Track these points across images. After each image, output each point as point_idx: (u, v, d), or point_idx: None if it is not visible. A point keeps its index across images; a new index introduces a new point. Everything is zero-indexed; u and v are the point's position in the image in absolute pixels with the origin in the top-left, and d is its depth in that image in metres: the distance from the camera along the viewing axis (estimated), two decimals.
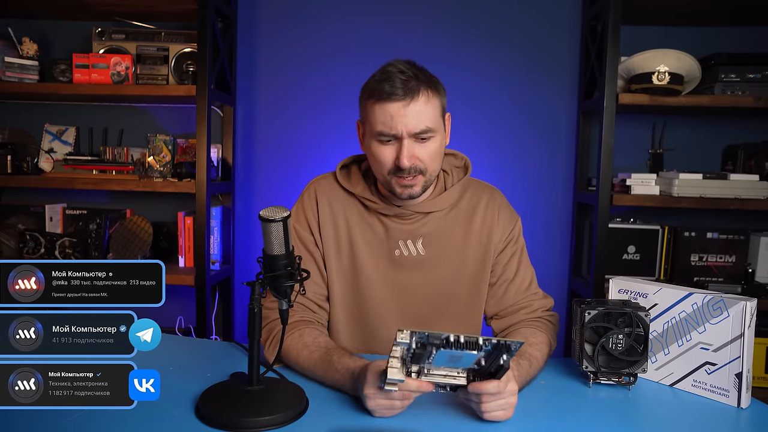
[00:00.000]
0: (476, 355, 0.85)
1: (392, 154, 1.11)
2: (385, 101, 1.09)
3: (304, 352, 1.09)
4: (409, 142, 1.10)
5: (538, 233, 2.41)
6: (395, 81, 1.08)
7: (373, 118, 1.12)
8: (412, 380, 0.89)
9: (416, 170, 1.12)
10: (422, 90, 1.09)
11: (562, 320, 2.42)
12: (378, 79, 1.10)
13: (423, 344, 0.84)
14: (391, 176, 1.14)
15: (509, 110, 2.38)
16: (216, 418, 0.89)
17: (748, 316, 1.00)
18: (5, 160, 2.25)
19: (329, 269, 1.24)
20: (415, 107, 1.08)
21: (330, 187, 1.27)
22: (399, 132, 1.09)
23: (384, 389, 0.89)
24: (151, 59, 2.24)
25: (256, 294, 0.95)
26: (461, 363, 0.88)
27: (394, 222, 1.22)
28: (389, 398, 0.91)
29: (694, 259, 2.20)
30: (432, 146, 1.12)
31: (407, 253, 1.22)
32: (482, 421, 0.93)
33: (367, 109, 1.13)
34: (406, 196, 1.15)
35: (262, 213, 0.94)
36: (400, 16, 2.37)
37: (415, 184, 1.14)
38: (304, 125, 2.42)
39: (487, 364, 0.88)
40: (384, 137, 1.11)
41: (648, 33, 2.27)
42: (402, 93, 1.07)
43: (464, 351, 0.84)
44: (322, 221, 1.24)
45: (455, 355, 0.85)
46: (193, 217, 2.21)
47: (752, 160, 2.21)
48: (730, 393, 1.02)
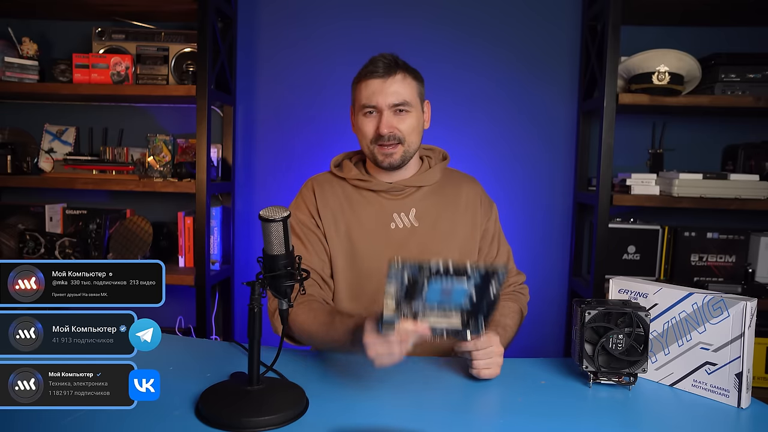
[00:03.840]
0: (466, 289, 0.91)
1: (374, 124, 1.29)
2: (368, 79, 1.28)
3: (311, 316, 1.19)
4: (388, 113, 1.27)
5: (538, 233, 2.41)
6: (378, 63, 1.28)
7: (358, 94, 1.31)
8: (408, 322, 0.94)
9: (395, 138, 1.28)
10: (399, 70, 1.29)
11: (562, 320, 2.43)
12: (364, 66, 1.31)
13: (415, 279, 0.88)
14: (373, 146, 1.30)
15: (509, 110, 2.38)
16: (216, 418, 0.89)
17: (748, 316, 1.00)
18: (5, 160, 2.25)
19: (332, 248, 1.33)
20: (393, 83, 1.27)
21: (325, 179, 1.40)
22: (379, 103, 1.27)
23: (382, 332, 0.92)
24: (151, 59, 2.24)
25: (256, 294, 0.95)
26: (453, 298, 0.93)
27: (387, 197, 1.35)
28: (387, 343, 0.94)
29: (694, 259, 2.20)
30: (409, 120, 1.29)
31: (402, 226, 1.34)
32: (483, 421, 0.93)
33: (355, 89, 1.33)
34: (387, 164, 1.30)
35: (262, 213, 0.94)
36: (400, 16, 2.37)
37: (395, 152, 1.29)
38: (304, 125, 2.42)
39: (478, 299, 0.93)
40: (367, 109, 1.29)
41: (648, 33, 2.27)
42: (382, 71, 1.27)
43: (454, 282, 0.89)
44: (321, 207, 1.35)
45: (446, 289, 0.90)
46: (193, 217, 2.21)
47: (752, 160, 2.20)
48: (730, 393, 1.02)
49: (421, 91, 1.34)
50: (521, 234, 2.38)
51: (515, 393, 1.07)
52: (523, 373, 1.17)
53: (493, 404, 1.02)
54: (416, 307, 0.94)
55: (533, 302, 1.50)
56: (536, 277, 2.31)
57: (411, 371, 1.14)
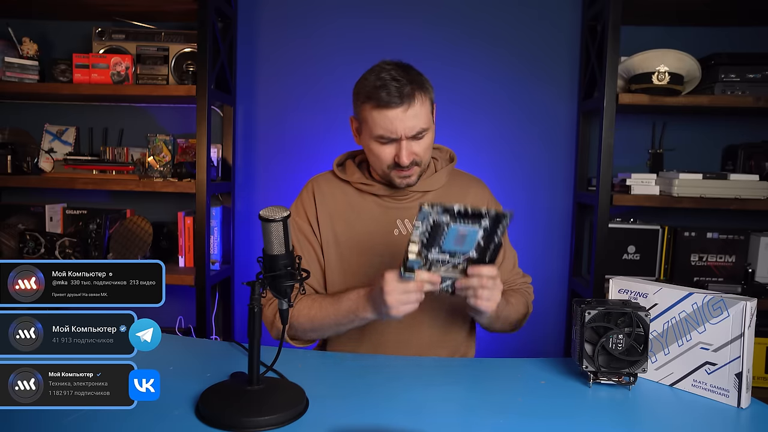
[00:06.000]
0: (477, 234, 1.02)
1: (392, 152, 1.22)
2: (383, 108, 1.18)
3: (315, 304, 1.21)
4: (408, 142, 1.21)
5: (538, 233, 2.41)
6: (391, 89, 1.17)
7: (372, 122, 1.21)
8: (423, 272, 1.05)
9: (414, 164, 1.24)
10: (416, 95, 1.19)
11: (562, 320, 2.43)
12: (374, 86, 1.18)
13: (438, 222, 0.99)
14: (390, 170, 1.25)
15: (509, 110, 2.38)
16: (216, 418, 0.89)
17: (748, 316, 1.00)
18: (5, 160, 2.25)
19: (328, 256, 1.31)
20: (412, 112, 1.18)
21: (327, 181, 1.36)
22: (399, 135, 1.20)
23: (404, 276, 1.03)
24: (151, 59, 2.24)
25: (256, 294, 0.95)
26: (465, 244, 1.04)
27: (390, 202, 1.32)
28: (406, 291, 1.05)
29: (694, 259, 2.20)
30: (426, 141, 1.24)
31: (405, 232, 1.31)
32: (483, 421, 0.93)
33: (365, 112, 1.22)
34: (405, 185, 1.28)
35: (262, 213, 0.94)
36: (400, 16, 2.37)
37: (412, 174, 1.26)
38: (304, 125, 2.42)
39: (485, 245, 1.04)
40: (384, 140, 1.21)
41: (648, 33, 2.27)
42: (399, 100, 1.17)
43: (469, 227, 1.00)
44: (320, 213, 1.32)
45: (461, 233, 1.01)
46: (193, 217, 2.21)
47: (752, 160, 2.20)
48: (730, 393, 1.02)
49: (432, 100, 1.26)
50: (521, 234, 2.37)
51: (515, 393, 1.07)
52: (523, 373, 1.17)
53: (493, 404, 1.02)
54: (432, 256, 1.04)
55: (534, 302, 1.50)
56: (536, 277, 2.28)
57: (411, 371, 1.15)
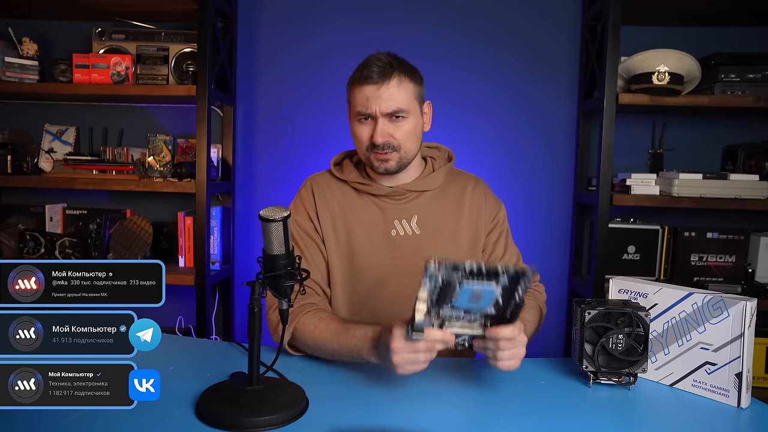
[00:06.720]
0: (495, 292, 0.91)
1: (369, 131, 1.24)
2: (362, 84, 1.22)
3: (321, 324, 1.15)
4: (383, 121, 1.22)
5: (538, 233, 2.41)
6: (372, 67, 1.21)
7: (353, 100, 1.25)
8: (435, 330, 0.94)
9: (390, 147, 1.23)
10: (395, 74, 1.21)
11: (562, 320, 2.42)
12: (359, 67, 1.24)
13: (449, 281, 0.88)
14: (369, 152, 1.25)
15: (509, 110, 2.38)
16: (216, 418, 0.89)
17: (748, 316, 1.00)
18: (5, 160, 2.25)
19: (329, 253, 1.30)
20: (388, 89, 1.20)
21: (325, 180, 1.36)
22: (373, 111, 1.21)
23: (412, 338, 0.93)
24: (151, 59, 2.24)
25: (256, 294, 0.95)
26: (481, 302, 0.93)
27: (388, 203, 1.31)
28: (414, 351, 0.95)
29: (694, 259, 2.20)
30: (405, 127, 1.23)
31: (403, 233, 1.30)
32: (483, 421, 0.93)
33: (349, 93, 1.27)
34: (383, 170, 1.26)
35: (262, 213, 0.94)
36: (400, 17, 2.37)
37: (390, 159, 1.25)
38: (304, 125, 2.42)
39: (504, 303, 0.93)
40: (361, 116, 1.23)
41: (648, 33, 2.27)
42: (376, 77, 1.20)
43: (484, 285, 0.89)
44: (320, 210, 1.31)
45: (476, 293, 0.90)
46: (193, 217, 2.21)
47: (752, 160, 2.20)
48: (730, 393, 1.02)
49: (419, 93, 1.27)
50: (521, 234, 2.37)
51: (515, 393, 1.07)
52: (523, 373, 1.16)
53: (493, 404, 1.02)
54: (444, 312, 0.94)
55: None
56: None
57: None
